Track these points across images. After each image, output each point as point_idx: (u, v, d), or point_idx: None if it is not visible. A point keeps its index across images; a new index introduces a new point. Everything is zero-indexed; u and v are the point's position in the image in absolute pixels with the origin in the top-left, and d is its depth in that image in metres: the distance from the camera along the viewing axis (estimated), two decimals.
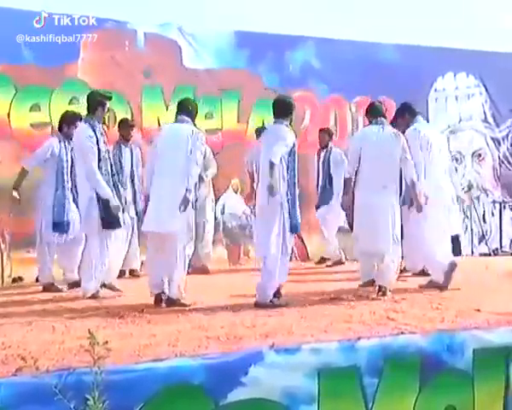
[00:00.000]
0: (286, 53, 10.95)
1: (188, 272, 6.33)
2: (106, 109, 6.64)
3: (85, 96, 6.76)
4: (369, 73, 10.68)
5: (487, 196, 12.29)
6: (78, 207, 6.83)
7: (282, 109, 6.16)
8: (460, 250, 10.52)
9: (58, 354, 4.04)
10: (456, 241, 10.45)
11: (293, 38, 11.05)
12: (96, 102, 6.57)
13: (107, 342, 3.51)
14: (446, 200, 6.99)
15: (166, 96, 9.93)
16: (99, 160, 6.41)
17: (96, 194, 6.37)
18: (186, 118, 6.26)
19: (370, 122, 6.79)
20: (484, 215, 12.12)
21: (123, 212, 6.80)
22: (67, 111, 7.66)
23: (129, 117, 9.22)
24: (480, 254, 11.21)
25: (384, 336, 4.58)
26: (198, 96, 9.57)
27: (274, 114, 6.21)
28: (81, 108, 9.21)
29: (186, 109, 6.32)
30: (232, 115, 10.44)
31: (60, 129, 7.39)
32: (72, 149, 7.04)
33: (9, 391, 3.45)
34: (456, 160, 12.13)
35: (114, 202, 6.43)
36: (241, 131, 10.38)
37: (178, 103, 6.46)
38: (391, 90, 10.48)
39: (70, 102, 9.26)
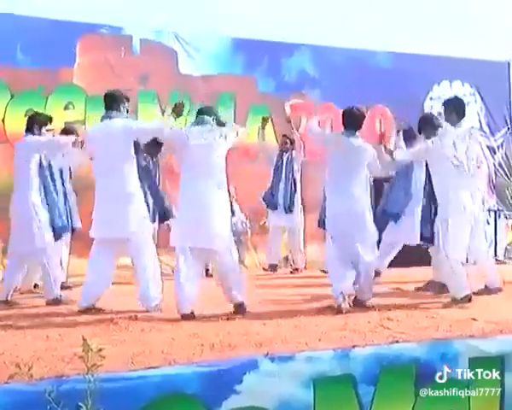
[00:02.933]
0: (282, 60, 10.97)
1: None
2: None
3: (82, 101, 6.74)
4: (365, 80, 10.69)
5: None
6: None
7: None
8: None
9: (51, 362, 4.02)
10: None
11: (288, 44, 11.06)
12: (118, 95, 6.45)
13: (101, 349, 3.49)
14: None
15: (162, 101, 9.93)
16: None
17: None
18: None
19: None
20: None
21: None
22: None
23: None
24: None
25: (379, 344, 4.56)
26: (194, 102, 9.56)
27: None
28: (76, 114, 9.32)
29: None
30: (228, 121, 10.39)
31: None
32: None
33: (2, 399, 3.42)
34: None
35: None
36: None
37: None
38: (386, 97, 10.50)
39: (65, 108, 9.25)
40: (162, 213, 6.63)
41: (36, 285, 7.65)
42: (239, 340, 4.72)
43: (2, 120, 9.10)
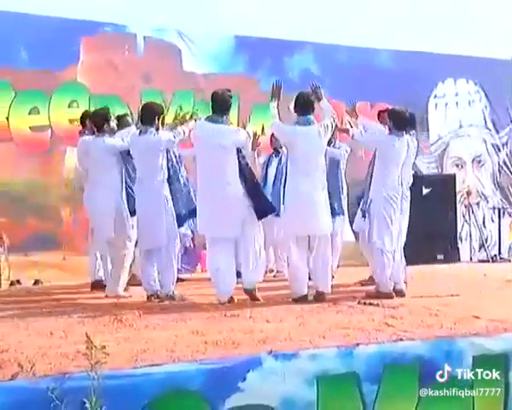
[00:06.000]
0: (285, 58, 10.96)
1: None
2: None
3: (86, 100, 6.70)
4: (369, 78, 10.68)
5: (487, 202, 12.27)
6: None
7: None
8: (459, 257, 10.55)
9: (55, 359, 4.01)
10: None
11: (292, 42, 11.04)
12: (229, 102, 6.63)
13: (104, 346, 3.49)
14: None
15: (166, 100, 9.93)
16: None
17: None
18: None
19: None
20: (484, 221, 12.11)
21: None
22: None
23: None
24: (479, 261, 11.18)
25: (383, 342, 4.56)
26: (197, 101, 9.57)
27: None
28: (80, 112, 9.33)
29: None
30: (232, 120, 10.40)
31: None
32: None
33: (5, 397, 3.42)
34: (457, 165, 12.14)
35: None
36: None
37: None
38: (390, 96, 10.47)
39: (69, 106, 9.26)
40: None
41: (36, 282, 7.66)
42: (242, 337, 4.71)
43: (7, 119, 9.11)
